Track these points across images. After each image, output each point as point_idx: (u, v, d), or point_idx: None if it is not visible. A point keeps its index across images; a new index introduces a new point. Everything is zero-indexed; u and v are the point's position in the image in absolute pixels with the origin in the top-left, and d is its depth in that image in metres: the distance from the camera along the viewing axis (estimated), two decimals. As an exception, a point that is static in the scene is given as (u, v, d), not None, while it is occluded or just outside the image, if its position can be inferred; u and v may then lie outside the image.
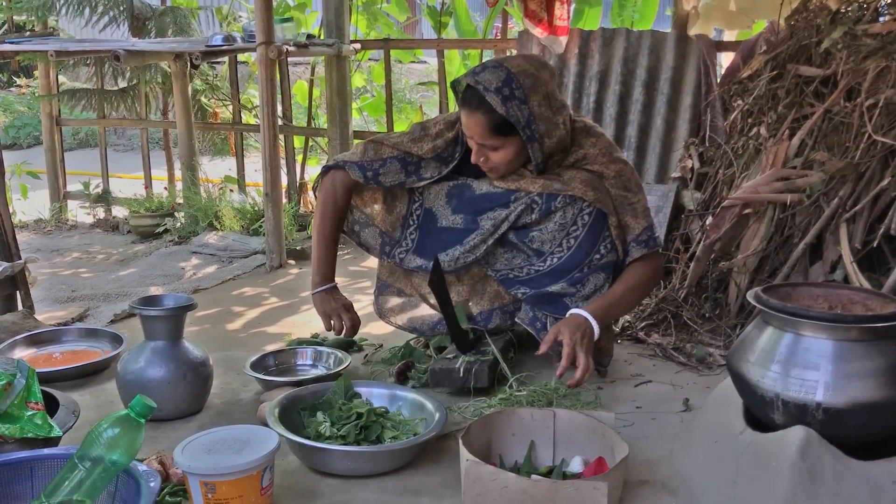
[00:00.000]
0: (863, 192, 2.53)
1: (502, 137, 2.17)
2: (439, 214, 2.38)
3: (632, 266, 2.25)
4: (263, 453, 1.57)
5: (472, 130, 2.18)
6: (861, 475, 1.49)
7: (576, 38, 3.73)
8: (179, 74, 4.50)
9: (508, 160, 2.22)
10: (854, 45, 2.77)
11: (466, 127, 2.19)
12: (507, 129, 2.15)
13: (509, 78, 2.13)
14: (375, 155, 2.36)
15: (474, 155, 2.22)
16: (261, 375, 2.30)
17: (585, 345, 2.09)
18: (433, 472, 1.83)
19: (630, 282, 2.24)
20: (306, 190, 4.78)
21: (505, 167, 2.24)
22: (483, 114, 2.13)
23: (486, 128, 2.15)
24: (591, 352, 2.11)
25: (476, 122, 2.15)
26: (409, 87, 7.98)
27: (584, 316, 2.15)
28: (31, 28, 5.12)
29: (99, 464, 1.42)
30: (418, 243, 2.41)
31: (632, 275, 2.25)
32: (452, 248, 2.34)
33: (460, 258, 2.33)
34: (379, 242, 2.46)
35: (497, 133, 2.16)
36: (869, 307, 1.69)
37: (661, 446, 1.94)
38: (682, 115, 3.51)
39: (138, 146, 6.19)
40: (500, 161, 2.22)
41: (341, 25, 4.16)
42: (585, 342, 2.10)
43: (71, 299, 3.36)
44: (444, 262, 2.34)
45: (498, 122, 2.13)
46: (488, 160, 2.22)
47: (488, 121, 2.13)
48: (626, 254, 2.26)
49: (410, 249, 2.42)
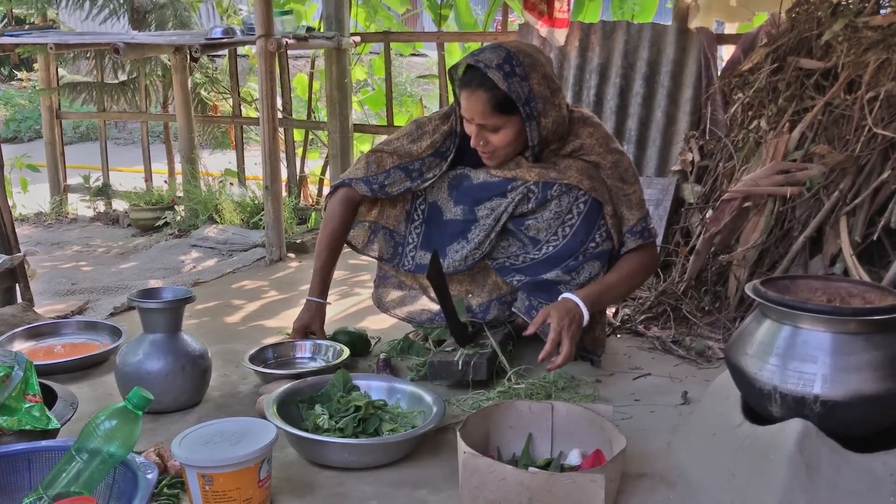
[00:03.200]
0: (863, 185, 2.52)
1: (504, 116, 2.17)
2: (444, 207, 2.39)
3: (627, 256, 2.27)
4: (261, 445, 1.57)
5: (473, 110, 2.17)
6: (859, 468, 1.49)
7: (576, 31, 3.72)
8: (179, 67, 4.50)
9: (508, 142, 2.21)
10: (855, 38, 2.76)
11: (467, 109, 2.18)
12: (508, 107, 2.15)
13: (509, 56, 2.15)
14: (378, 168, 2.38)
15: (474, 139, 2.21)
16: (259, 368, 2.30)
17: (572, 331, 2.10)
18: (431, 465, 1.83)
19: (624, 271, 2.26)
20: (306, 183, 4.78)
21: (504, 151, 2.24)
22: (485, 91, 2.14)
23: (489, 105, 2.15)
24: (576, 338, 2.12)
25: (478, 100, 2.15)
26: (409, 80, 7.97)
27: (575, 301, 2.16)
28: (31, 21, 5.12)
29: (96, 456, 1.42)
30: (424, 237, 2.42)
31: (626, 264, 2.26)
32: (458, 243, 2.35)
33: (469, 256, 2.35)
34: (391, 244, 2.47)
35: (499, 111, 2.16)
36: (868, 300, 1.69)
37: (660, 439, 1.94)
38: (682, 107, 3.50)
39: (138, 139, 6.20)
40: (500, 143, 2.21)
41: (341, 18, 4.15)
42: (573, 328, 2.11)
43: (70, 292, 3.36)
44: (456, 261, 2.36)
45: (499, 100, 2.14)
46: (488, 143, 2.22)
47: (490, 98, 2.14)
48: (621, 244, 2.27)
49: (417, 245, 2.43)
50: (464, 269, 2.38)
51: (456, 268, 2.37)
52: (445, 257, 2.37)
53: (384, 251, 2.49)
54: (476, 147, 2.23)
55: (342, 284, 3.41)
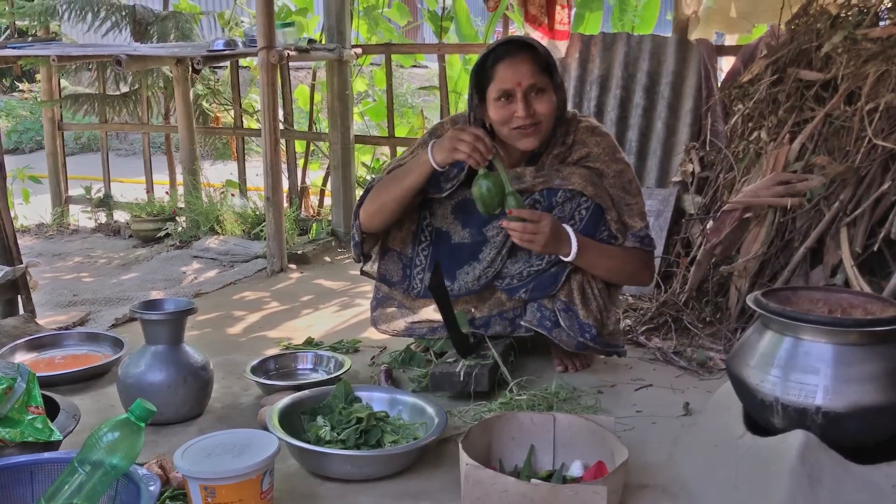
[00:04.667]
0: (863, 196, 2.53)
1: (547, 77, 2.23)
2: (451, 231, 2.40)
3: (625, 247, 2.32)
4: (263, 457, 1.57)
5: (521, 72, 2.20)
6: (861, 479, 1.49)
7: (576, 43, 3.74)
8: (181, 79, 4.51)
9: (552, 110, 2.24)
10: (854, 50, 2.77)
11: (512, 76, 2.19)
12: (549, 69, 2.23)
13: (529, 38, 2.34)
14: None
15: (522, 110, 2.19)
16: (261, 379, 2.30)
17: (554, 233, 2.15)
18: (433, 477, 1.83)
19: (621, 252, 2.31)
20: (307, 194, 4.79)
21: (547, 123, 2.25)
22: (529, 51, 2.21)
23: (535, 65, 2.21)
24: (550, 245, 2.16)
25: (524, 60, 2.21)
26: (410, 91, 7.98)
27: (568, 231, 2.21)
28: (34, 33, 5.13)
29: (99, 468, 1.42)
30: (432, 259, 2.41)
31: (624, 249, 2.32)
32: (469, 265, 2.36)
33: (482, 276, 2.36)
34: (399, 267, 2.46)
35: (544, 71, 2.22)
36: (869, 311, 1.69)
37: (661, 450, 1.94)
38: (682, 119, 3.51)
39: (140, 150, 6.21)
40: (546, 110, 2.23)
41: (342, 30, 4.17)
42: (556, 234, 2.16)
43: (72, 303, 3.37)
44: (469, 282, 2.37)
45: (542, 61, 2.22)
46: (535, 112, 2.22)
47: (535, 58, 2.21)
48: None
49: (425, 268, 2.42)
50: (477, 290, 2.38)
51: (469, 289, 2.37)
52: (456, 280, 2.37)
53: (393, 274, 2.47)
54: (523, 122, 2.21)
55: (342, 296, 3.41)
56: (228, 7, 5.62)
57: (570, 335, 2.30)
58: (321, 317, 3.13)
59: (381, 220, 2.34)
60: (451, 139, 2.15)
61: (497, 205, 2.14)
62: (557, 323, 2.32)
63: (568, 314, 2.31)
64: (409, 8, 5.94)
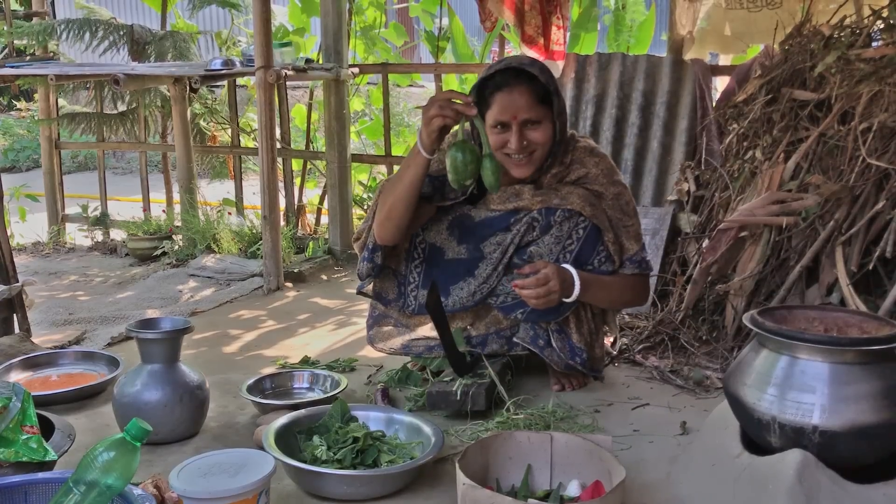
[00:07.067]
0: (858, 215, 2.54)
1: (544, 108, 2.23)
2: (445, 247, 2.40)
3: (624, 275, 2.34)
4: (259, 477, 1.57)
5: (517, 105, 2.20)
6: (858, 498, 1.49)
7: (572, 63, 3.76)
8: (178, 98, 4.52)
9: (547, 139, 2.25)
10: (847, 70, 2.80)
11: (508, 107, 2.20)
12: (547, 99, 2.22)
13: (530, 58, 2.28)
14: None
15: (515, 142, 2.21)
16: (257, 399, 2.29)
17: (558, 284, 2.17)
18: (430, 496, 1.82)
19: (619, 280, 2.33)
20: (304, 213, 4.79)
21: (542, 151, 2.26)
22: (527, 82, 2.20)
23: (532, 96, 2.20)
24: (555, 298, 2.19)
25: (521, 93, 2.20)
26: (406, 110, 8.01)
27: (571, 272, 2.22)
28: (32, 52, 5.15)
29: (94, 488, 1.41)
30: (425, 276, 2.41)
31: (622, 279, 2.34)
32: (463, 281, 2.37)
33: (476, 292, 2.36)
34: (395, 284, 2.45)
35: (541, 102, 2.22)
36: (865, 330, 1.69)
37: (659, 469, 1.93)
38: (678, 138, 3.53)
39: (137, 169, 6.21)
40: (542, 140, 2.24)
41: (340, 50, 4.19)
42: (560, 284, 2.17)
43: (68, 322, 3.35)
44: (463, 298, 2.37)
45: (540, 92, 2.21)
46: (529, 143, 2.23)
47: (533, 89, 2.20)
48: (621, 266, 2.34)
49: (418, 284, 2.42)
50: (471, 306, 2.38)
51: (463, 304, 2.37)
52: (449, 296, 2.37)
53: (389, 292, 2.47)
54: (517, 152, 2.23)
55: (339, 314, 3.41)
56: (226, 27, 5.65)
57: (561, 357, 2.35)
58: (318, 335, 3.13)
59: (392, 225, 2.29)
60: (423, 117, 2.14)
61: (469, 175, 2.10)
62: (550, 343, 2.35)
63: (561, 336, 2.35)
64: (406, 28, 5.98)
